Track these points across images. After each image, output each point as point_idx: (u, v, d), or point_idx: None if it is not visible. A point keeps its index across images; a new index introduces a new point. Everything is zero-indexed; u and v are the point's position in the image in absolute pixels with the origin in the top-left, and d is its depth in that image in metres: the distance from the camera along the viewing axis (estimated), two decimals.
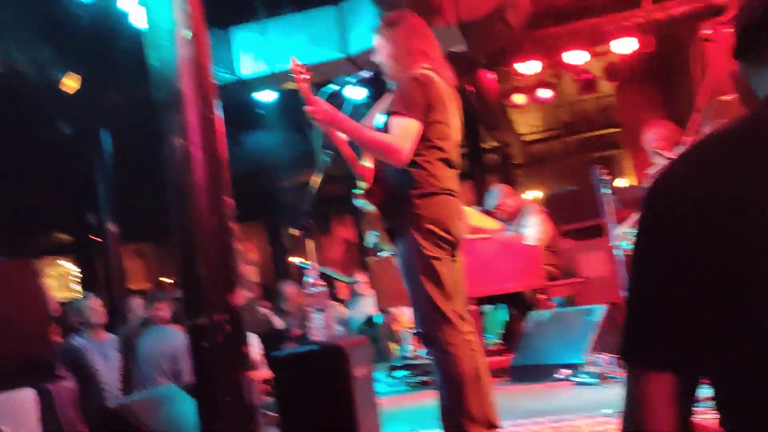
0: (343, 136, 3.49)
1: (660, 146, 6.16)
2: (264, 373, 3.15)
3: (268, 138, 11.56)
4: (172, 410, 3.68)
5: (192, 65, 3.28)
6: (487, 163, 14.89)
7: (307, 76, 3.35)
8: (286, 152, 12.35)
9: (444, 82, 3.45)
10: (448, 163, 3.39)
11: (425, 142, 3.31)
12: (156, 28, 3.36)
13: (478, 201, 11.84)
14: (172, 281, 17.89)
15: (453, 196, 3.39)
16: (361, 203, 3.47)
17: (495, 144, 15.08)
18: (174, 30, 3.32)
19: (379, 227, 3.41)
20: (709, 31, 3.97)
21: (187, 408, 3.78)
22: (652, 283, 1.06)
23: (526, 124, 15.57)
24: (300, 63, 3.39)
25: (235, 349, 3.17)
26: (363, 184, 3.48)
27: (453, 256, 3.40)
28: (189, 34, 3.30)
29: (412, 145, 3.24)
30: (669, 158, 4.78)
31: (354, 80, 3.80)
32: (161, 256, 18.45)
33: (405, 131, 3.23)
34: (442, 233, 3.30)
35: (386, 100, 3.48)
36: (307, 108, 3.32)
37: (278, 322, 8.42)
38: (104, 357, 6.11)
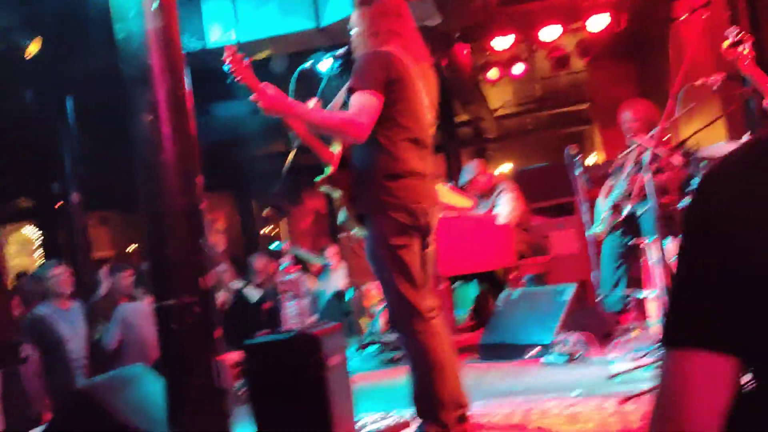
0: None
1: (637, 126, 6.15)
2: (235, 355, 3.10)
3: (238, 108, 11.39)
4: (139, 391, 3.62)
5: (161, 39, 3.19)
6: (459, 136, 14.87)
7: (247, 62, 3.21)
8: (256, 122, 12.19)
9: (413, 60, 3.34)
10: (415, 142, 3.26)
11: (389, 121, 3.19)
12: (123, 1, 3.25)
13: (451, 174, 11.85)
14: (136, 249, 17.73)
15: (422, 178, 3.27)
16: (325, 189, 3.38)
17: (467, 118, 15.06)
18: (141, 1, 3.22)
19: (350, 212, 3.33)
20: (685, 15, 3.93)
21: (155, 388, 3.73)
22: (698, 275, 1.05)
23: (499, 98, 15.55)
24: (234, 48, 3.23)
25: (205, 332, 3.13)
26: (327, 169, 3.39)
27: (423, 241, 3.31)
28: (156, 5, 3.20)
29: (370, 118, 3.10)
30: (644, 144, 4.79)
31: (329, 56, 3.70)
32: (126, 224, 18.25)
33: (360, 105, 3.10)
34: (408, 219, 3.19)
35: None
36: (252, 97, 3.18)
37: (253, 295, 8.37)
38: (71, 325, 6.00)
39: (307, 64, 3.65)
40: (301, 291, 3.10)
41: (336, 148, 3.44)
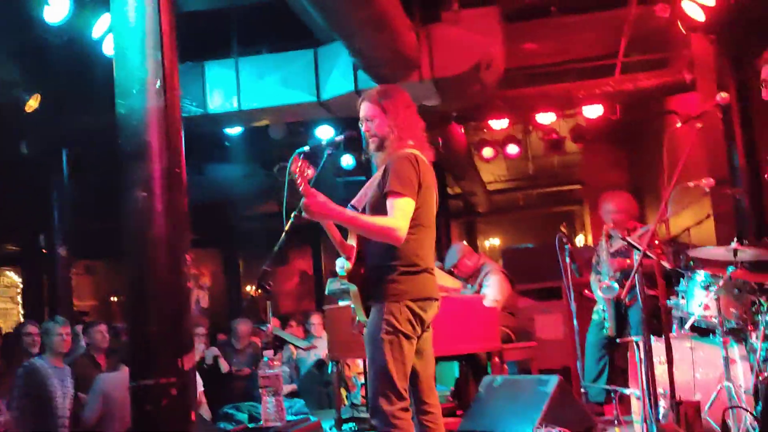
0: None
1: (619, 218, 6.25)
2: None
3: (231, 170, 11.51)
4: None
5: (161, 117, 3.21)
6: (450, 208, 14.96)
7: (309, 173, 3.29)
8: (248, 184, 12.31)
9: (427, 161, 3.48)
10: (431, 240, 3.45)
11: (415, 221, 3.34)
12: (126, 75, 3.29)
13: (440, 246, 11.88)
14: (119, 300, 17.59)
15: (432, 274, 3.42)
16: (345, 284, 3.46)
17: (459, 191, 15.17)
18: (146, 78, 3.25)
19: (359, 304, 3.39)
20: (679, 124, 4.01)
21: None
22: None
23: (492, 174, 15.70)
24: (302, 159, 3.29)
25: (180, 415, 3.07)
26: (346, 265, 3.45)
27: (423, 330, 3.40)
28: (160, 84, 3.23)
29: (408, 223, 3.27)
30: (626, 240, 4.83)
31: (326, 144, 3.72)
32: (111, 273, 18.15)
33: (402, 211, 3.27)
34: (418, 311, 3.31)
35: (377, 176, 3.46)
36: (304, 202, 3.23)
37: (224, 366, 8.29)
38: (61, 383, 6.03)
39: (305, 148, 3.67)
40: (280, 386, 3.06)
41: (350, 241, 3.50)
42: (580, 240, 16.44)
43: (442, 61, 6.93)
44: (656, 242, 3.96)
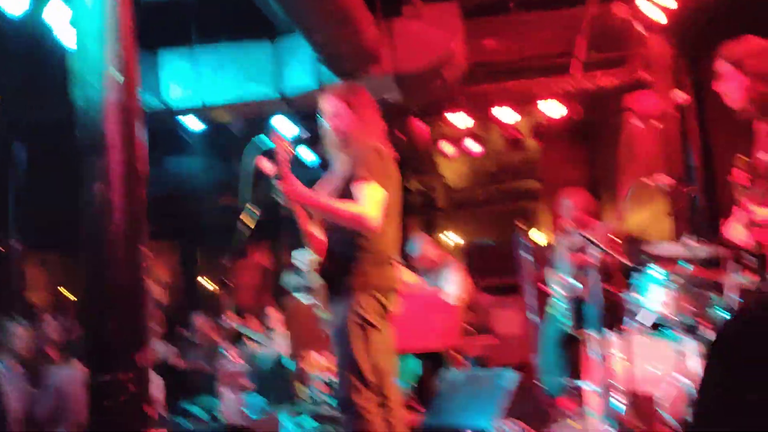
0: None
1: (577, 216, 6.34)
2: None
3: (191, 162, 11.36)
4: None
5: (121, 109, 3.16)
6: (409, 203, 14.97)
7: (290, 152, 3.26)
8: (207, 177, 12.18)
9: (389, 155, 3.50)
10: (395, 232, 3.47)
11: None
12: (84, 66, 3.23)
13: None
14: (72, 295, 17.29)
15: (396, 266, 3.46)
16: (315, 278, 3.44)
17: (419, 187, 15.19)
18: (103, 70, 3.20)
19: (324, 297, 3.39)
20: (639, 123, 4.07)
21: None
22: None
23: (452, 169, 15.74)
24: (283, 137, 3.28)
25: (138, 411, 3.03)
26: (316, 258, 3.44)
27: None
28: (121, 78, 3.18)
29: (381, 209, 3.26)
30: (584, 236, 4.90)
31: (291, 140, 3.69)
32: (66, 266, 17.84)
33: (373, 197, 3.25)
34: (384, 302, 3.33)
35: (338, 172, 3.45)
36: (279, 183, 3.20)
37: (181, 364, 8.21)
38: (15, 387, 5.89)
39: (268, 144, 3.64)
40: (240, 383, 3.03)
41: (319, 235, 3.48)
42: (535, 234, 16.57)
43: (403, 56, 6.93)
44: (613, 238, 4.01)
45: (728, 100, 3.32)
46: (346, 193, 3.33)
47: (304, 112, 7.75)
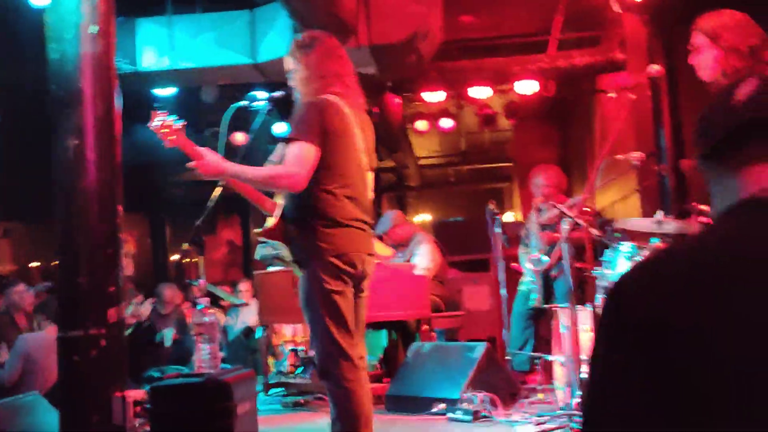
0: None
1: (548, 192, 6.39)
2: (137, 393, 2.99)
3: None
4: (32, 421, 3.46)
5: (96, 64, 3.12)
6: (381, 181, 14.99)
7: (178, 127, 3.15)
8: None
9: (352, 108, 3.37)
10: (352, 191, 3.29)
11: (327, 170, 3.21)
12: (60, 20, 3.19)
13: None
14: (40, 266, 17.06)
15: (360, 227, 3.29)
16: (267, 242, 3.37)
17: (391, 164, 15.21)
18: (79, 23, 3.15)
19: (292, 260, 3.33)
20: (612, 94, 4.10)
21: (49, 419, 3.58)
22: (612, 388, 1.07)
23: (424, 148, 15.77)
24: (163, 114, 3.16)
25: (109, 366, 3.02)
26: (269, 222, 3.38)
27: (357, 289, 3.33)
28: (95, 30, 3.14)
29: (307, 169, 3.13)
30: (558, 209, 4.94)
31: (264, 99, 3.67)
32: (31, 237, 17.58)
33: (297, 156, 3.13)
34: (345, 266, 3.20)
35: None
36: (189, 164, 3.15)
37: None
38: None
39: (243, 103, 3.62)
40: (216, 334, 3.03)
41: (279, 199, 3.42)
42: (508, 217, 16.68)
43: (379, 28, 6.89)
44: (586, 209, 4.05)
45: (701, 73, 3.33)
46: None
47: (278, 80, 7.70)
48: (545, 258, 5.98)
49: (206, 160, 3.13)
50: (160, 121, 3.09)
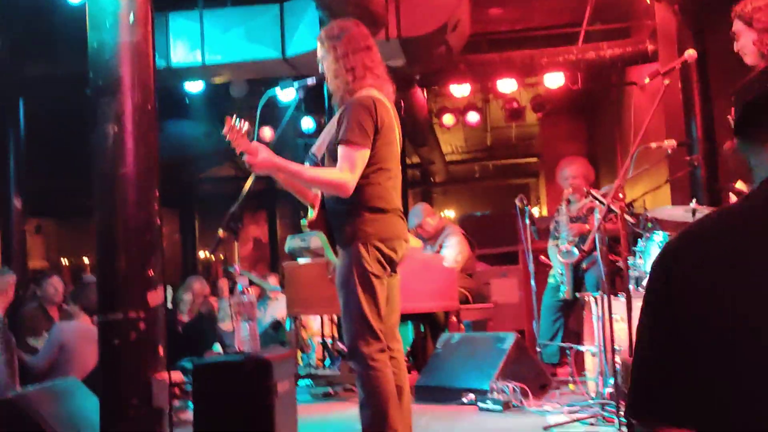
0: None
1: (577, 183, 6.37)
2: (176, 375, 3.03)
3: (192, 127, 11.31)
4: (71, 405, 3.52)
5: (134, 52, 3.17)
6: (407, 177, 15.00)
7: (244, 131, 3.21)
8: (208, 144, 12.13)
9: (387, 99, 3.41)
10: (395, 181, 3.38)
11: (375, 165, 3.29)
12: (99, 9, 3.24)
13: None
14: (70, 264, 17.27)
15: (399, 215, 3.38)
16: (309, 235, 3.43)
17: (418, 160, 15.23)
18: (118, 12, 3.20)
19: (330, 248, 3.38)
20: (647, 80, 4.08)
21: (87, 404, 3.63)
22: (662, 348, 1.09)
23: (450, 144, 15.76)
24: (234, 123, 3.18)
25: (148, 349, 3.07)
26: (310, 213, 3.43)
27: (391, 275, 3.38)
28: (133, 18, 3.19)
29: (358, 174, 3.21)
30: (591, 195, 4.92)
31: (297, 86, 3.69)
32: (62, 234, 17.80)
33: (351, 162, 3.20)
34: (387, 252, 3.27)
35: (335, 121, 3.42)
36: (246, 159, 3.19)
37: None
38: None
39: (276, 90, 3.65)
40: (255, 314, 3.06)
41: (319, 191, 3.46)
42: (535, 212, 16.65)
43: (409, 21, 6.90)
44: (620, 196, 4.03)
45: (746, 59, 3.37)
46: (337, 150, 3.27)
47: (308, 73, 7.71)
48: (575, 251, 5.95)
49: (261, 157, 3.17)
50: (231, 126, 3.13)
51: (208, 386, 2.79)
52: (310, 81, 3.68)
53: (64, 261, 17.55)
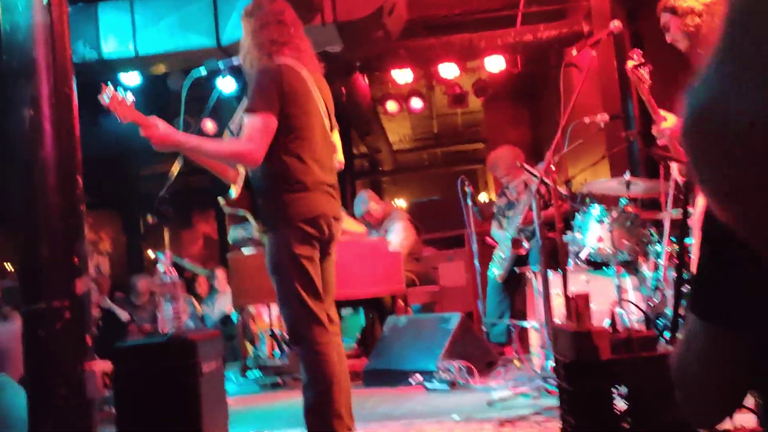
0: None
1: (509, 177, 6.45)
2: (105, 364, 2.95)
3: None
4: (1, 401, 3.41)
5: (48, 33, 3.06)
6: (355, 168, 14.95)
7: (129, 100, 3.12)
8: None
9: (307, 69, 3.33)
10: (316, 152, 3.26)
11: (289, 134, 3.18)
12: None
13: (345, 204, 11.86)
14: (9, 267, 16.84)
15: (327, 191, 3.27)
16: (230, 210, 3.33)
17: (364, 150, 15.19)
18: None
19: (258, 229, 3.30)
20: (574, 52, 4.12)
21: (18, 400, 3.53)
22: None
23: (397, 133, 15.75)
24: (111, 89, 3.11)
25: (75, 338, 2.98)
26: (232, 191, 3.34)
27: (324, 252, 3.31)
28: (47, 1, 3.08)
29: (263, 141, 3.10)
30: (527, 169, 4.95)
31: (223, 66, 3.63)
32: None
33: (253, 129, 3.10)
34: (313, 231, 3.18)
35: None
36: (141, 132, 3.10)
37: (123, 315, 8.09)
38: None
39: (201, 72, 3.58)
40: (178, 294, 2.99)
41: (242, 168, 3.38)
42: (482, 197, 16.73)
43: (344, 5, 6.84)
44: (552, 168, 4.05)
45: (678, 46, 3.48)
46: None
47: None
48: (526, 244, 5.97)
49: (159, 130, 3.08)
50: (110, 93, 3.04)
51: (129, 368, 2.70)
52: (236, 61, 3.61)
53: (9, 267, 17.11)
